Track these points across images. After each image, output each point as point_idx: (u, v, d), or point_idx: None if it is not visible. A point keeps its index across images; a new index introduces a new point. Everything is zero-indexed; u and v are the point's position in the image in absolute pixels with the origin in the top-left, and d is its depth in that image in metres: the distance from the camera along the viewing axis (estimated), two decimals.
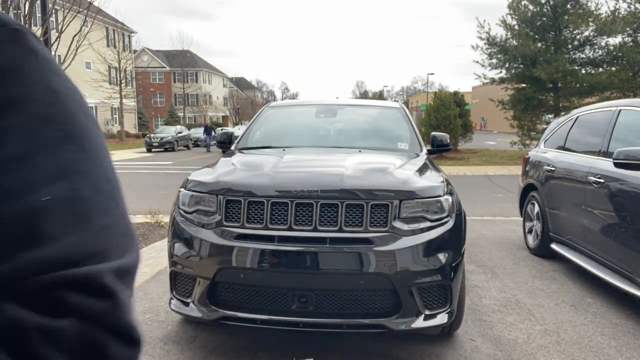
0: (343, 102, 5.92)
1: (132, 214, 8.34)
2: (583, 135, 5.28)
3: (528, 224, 6.04)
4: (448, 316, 2.95)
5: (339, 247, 2.83)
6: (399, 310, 2.84)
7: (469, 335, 3.51)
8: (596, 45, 19.39)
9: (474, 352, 3.24)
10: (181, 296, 3.16)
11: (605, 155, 4.45)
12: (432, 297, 2.93)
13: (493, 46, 20.47)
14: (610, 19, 17.75)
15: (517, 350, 3.27)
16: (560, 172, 5.24)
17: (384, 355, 3.19)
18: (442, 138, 4.79)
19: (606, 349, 3.31)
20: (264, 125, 4.82)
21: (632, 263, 3.86)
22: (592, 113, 5.24)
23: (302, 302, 2.84)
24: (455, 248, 3.02)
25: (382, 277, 2.82)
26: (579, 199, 4.71)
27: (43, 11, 6.13)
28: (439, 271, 2.90)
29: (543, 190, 5.60)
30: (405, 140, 4.49)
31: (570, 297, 4.33)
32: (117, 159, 23.59)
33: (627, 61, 18.13)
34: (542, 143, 6.22)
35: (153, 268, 5.08)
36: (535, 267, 5.21)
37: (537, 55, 18.75)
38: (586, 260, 4.61)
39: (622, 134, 4.47)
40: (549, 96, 20.23)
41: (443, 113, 21.68)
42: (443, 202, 3.06)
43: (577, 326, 3.69)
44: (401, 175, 3.19)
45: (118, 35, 39.93)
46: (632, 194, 3.93)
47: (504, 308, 4.04)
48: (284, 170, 3.25)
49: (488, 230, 7.05)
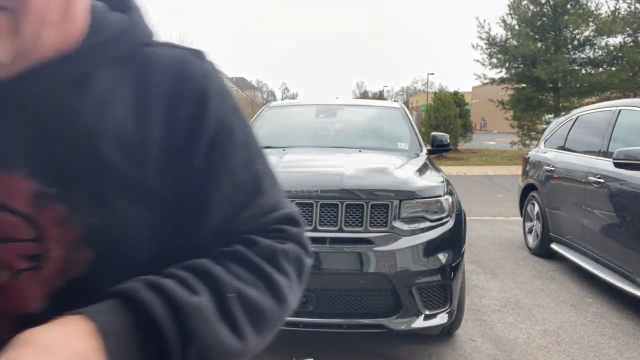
0: (343, 102, 5.92)
1: None
2: (583, 135, 5.28)
3: (528, 224, 6.04)
4: (448, 316, 2.95)
5: (338, 247, 2.83)
6: (399, 310, 2.84)
7: (469, 335, 3.51)
8: (596, 45, 19.36)
9: (474, 352, 3.24)
10: None
11: (605, 155, 4.45)
12: (432, 297, 2.93)
13: (493, 46, 20.45)
14: (610, 19, 17.74)
15: (517, 350, 3.27)
16: (560, 172, 5.24)
17: (384, 355, 3.19)
18: (442, 138, 4.79)
19: (606, 349, 3.31)
20: (263, 126, 4.81)
21: (632, 263, 3.86)
22: (592, 113, 5.24)
23: (302, 302, 2.84)
24: (455, 248, 3.02)
25: (382, 277, 2.82)
26: (579, 199, 4.71)
27: None
28: (439, 271, 2.90)
29: (543, 190, 5.60)
30: (405, 140, 4.49)
31: (570, 297, 4.32)
32: None
33: (627, 61, 18.11)
34: (542, 143, 6.22)
35: None
36: (535, 267, 5.21)
37: (537, 55, 18.74)
38: (586, 260, 4.61)
39: (622, 134, 4.47)
40: (549, 96, 20.20)
41: (443, 113, 21.67)
42: (443, 202, 3.06)
43: (577, 326, 3.69)
44: (401, 175, 3.19)
45: None
46: (632, 194, 3.93)
47: (504, 308, 4.04)
48: (284, 170, 3.25)
49: (488, 230, 7.05)
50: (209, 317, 0.51)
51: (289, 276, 0.61)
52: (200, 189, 0.59)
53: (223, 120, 0.61)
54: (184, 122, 0.58)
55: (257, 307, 0.56)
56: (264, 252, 0.59)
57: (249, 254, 0.58)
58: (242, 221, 0.61)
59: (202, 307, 0.51)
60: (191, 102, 0.59)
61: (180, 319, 0.49)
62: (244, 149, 0.63)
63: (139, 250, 0.56)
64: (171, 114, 0.57)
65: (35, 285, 0.52)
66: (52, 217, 0.52)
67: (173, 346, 0.49)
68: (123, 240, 0.54)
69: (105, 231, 0.53)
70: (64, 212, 0.52)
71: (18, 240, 0.51)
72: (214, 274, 0.54)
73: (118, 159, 0.54)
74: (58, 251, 0.52)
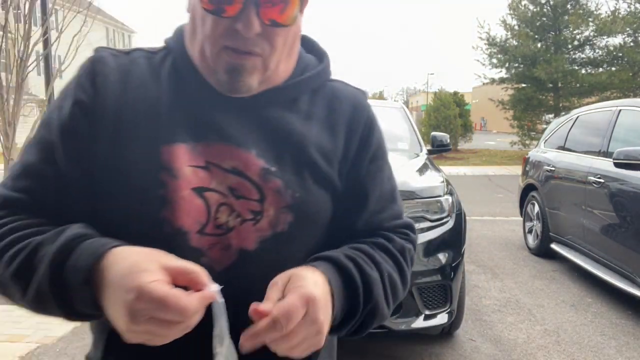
0: None
1: None
2: (583, 135, 5.27)
3: (528, 224, 6.04)
4: (448, 316, 2.95)
5: None
6: (399, 310, 2.84)
7: (469, 335, 3.51)
8: (596, 46, 19.37)
9: (474, 352, 3.24)
10: None
11: (605, 155, 4.45)
12: (432, 297, 2.93)
13: (493, 46, 20.46)
14: (610, 19, 17.74)
15: (517, 350, 3.27)
16: (560, 172, 5.24)
17: (384, 355, 3.19)
18: (442, 138, 4.79)
19: (606, 349, 3.31)
20: None
21: (632, 263, 3.86)
22: (592, 113, 5.24)
23: None
24: (455, 248, 3.02)
25: None
26: (579, 199, 4.71)
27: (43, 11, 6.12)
28: (439, 271, 2.90)
29: (543, 190, 5.60)
30: (405, 140, 4.49)
31: (570, 297, 4.32)
32: None
33: (627, 61, 18.12)
34: (542, 143, 6.22)
35: None
36: (535, 267, 5.21)
37: (537, 55, 18.74)
38: (586, 260, 4.61)
39: (622, 134, 4.47)
40: (549, 96, 20.20)
41: (443, 113, 21.68)
42: (443, 202, 3.06)
43: (577, 326, 3.69)
44: (401, 175, 3.18)
45: (118, 35, 39.92)
46: (632, 194, 3.93)
47: (504, 308, 4.04)
48: None
49: (488, 230, 7.05)
50: (380, 288, 0.76)
51: (409, 267, 0.85)
52: (362, 189, 0.83)
53: (380, 143, 0.88)
54: (357, 140, 0.83)
55: (395, 286, 0.80)
56: (398, 247, 0.83)
57: (390, 246, 0.81)
58: (383, 219, 0.85)
59: (377, 280, 0.76)
60: (363, 126, 0.85)
61: (368, 286, 0.74)
62: (388, 167, 0.89)
63: (319, 221, 0.79)
64: (350, 132, 0.83)
65: (253, 232, 0.73)
66: (271, 187, 0.74)
67: (360, 303, 0.73)
68: (311, 212, 0.77)
69: (303, 203, 0.76)
70: (279, 185, 0.75)
71: (248, 199, 0.73)
72: (375, 257, 0.78)
73: (317, 157, 0.78)
74: (272, 212, 0.74)
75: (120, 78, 0.76)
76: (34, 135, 0.77)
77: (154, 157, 0.71)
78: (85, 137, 0.73)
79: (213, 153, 0.74)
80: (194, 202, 0.71)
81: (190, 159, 0.72)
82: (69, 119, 0.73)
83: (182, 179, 0.71)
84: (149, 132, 0.73)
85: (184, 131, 0.73)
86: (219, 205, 0.72)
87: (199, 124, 0.75)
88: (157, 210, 0.70)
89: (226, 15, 0.70)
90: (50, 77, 6.35)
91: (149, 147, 0.72)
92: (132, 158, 0.72)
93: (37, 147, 0.74)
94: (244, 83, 0.73)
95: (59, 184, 0.72)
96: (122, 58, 0.78)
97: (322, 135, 0.80)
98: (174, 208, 0.70)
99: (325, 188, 0.79)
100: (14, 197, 0.72)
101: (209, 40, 0.72)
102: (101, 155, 0.72)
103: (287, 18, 0.73)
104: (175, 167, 0.71)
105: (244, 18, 0.69)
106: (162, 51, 0.81)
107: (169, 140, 0.72)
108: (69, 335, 3.45)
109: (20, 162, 0.75)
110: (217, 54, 0.72)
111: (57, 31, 6.09)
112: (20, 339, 3.37)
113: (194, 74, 0.77)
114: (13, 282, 0.66)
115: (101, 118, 0.73)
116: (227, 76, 0.72)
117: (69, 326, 3.59)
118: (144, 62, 0.79)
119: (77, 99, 0.74)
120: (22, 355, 3.16)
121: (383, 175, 0.87)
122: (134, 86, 0.76)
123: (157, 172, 0.71)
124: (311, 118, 0.81)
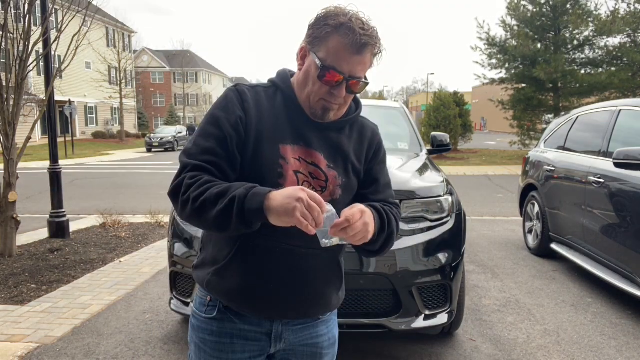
0: None
1: (132, 214, 8.33)
2: (583, 135, 5.27)
3: (528, 224, 6.04)
4: (448, 316, 2.95)
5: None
6: (399, 310, 2.84)
7: (469, 335, 3.51)
8: (596, 46, 19.37)
9: (474, 352, 3.24)
10: (181, 296, 3.16)
11: (605, 156, 4.45)
12: (432, 297, 2.93)
13: (493, 46, 20.46)
14: (610, 19, 17.73)
15: (517, 350, 3.27)
16: (560, 172, 5.24)
17: (384, 355, 3.19)
18: (442, 138, 4.78)
19: (606, 349, 3.31)
20: None
21: (632, 263, 3.86)
22: (592, 113, 5.24)
23: None
24: (455, 248, 3.02)
25: (382, 277, 2.82)
26: (579, 199, 4.71)
27: (43, 11, 6.11)
28: (439, 271, 2.90)
29: (543, 190, 5.60)
30: (405, 140, 4.49)
31: (570, 297, 4.32)
32: (117, 159, 23.56)
33: (626, 61, 18.12)
34: (542, 143, 6.22)
35: (153, 268, 5.08)
36: (535, 267, 5.21)
37: (536, 56, 18.74)
38: (586, 260, 4.61)
39: (622, 134, 4.47)
40: (549, 96, 20.21)
41: (443, 113, 21.68)
42: (443, 202, 3.06)
43: (577, 326, 3.69)
44: (401, 175, 3.18)
45: (118, 35, 39.88)
46: (632, 194, 3.93)
47: (504, 308, 4.04)
48: None
49: (488, 230, 7.05)
50: (393, 221, 1.32)
51: (398, 220, 1.37)
52: (375, 180, 1.40)
53: (384, 153, 1.45)
54: (373, 152, 1.41)
55: (397, 225, 1.35)
56: (398, 211, 1.39)
57: (394, 209, 1.36)
58: (386, 196, 1.39)
59: (391, 216, 1.32)
60: (377, 144, 1.42)
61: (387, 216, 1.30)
62: (386, 168, 1.46)
63: (352, 194, 1.35)
64: (369, 149, 1.40)
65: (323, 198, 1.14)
66: (332, 175, 1.30)
67: (386, 226, 1.28)
68: (350, 189, 1.33)
69: (347, 185, 1.32)
70: (335, 175, 1.30)
71: (319, 179, 1.28)
72: (385, 208, 1.32)
73: (353, 160, 1.35)
74: (331, 188, 1.29)
75: (255, 105, 1.28)
76: (202, 128, 1.26)
77: (275, 151, 1.25)
78: (242, 137, 1.24)
79: (303, 152, 1.28)
80: (293, 178, 1.25)
81: (293, 154, 1.26)
82: (236, 124, 1.23)
83: (290, 165, 1.25)
84: (272, 137, 1.26)
85: (289, 138, 1.27)
86: (303, 182, 1.26)
87: (297, 135, 1.29)
88: (277, 179, 1.23)
89: (331, 85, 1.23)
90: (50, 77, 6.34)
91: (273, 145, 1.25)
92: (264, 150, 1.25)
93: (212, 137, 1.22)
94: (328, 117, 1.29)
95: (228, 161, 1.22)
96: (252, 91, 1.30)
97: (356, 148, 1.37)
98: (285, 179, 1.24)
99: (357, 177, 1.36)
100: (202, 165, 1.19)
101: (316, 93, 1.25)
102: (249, 148, 1.24)
103: (359, 90, 1.28)
104: (287, 157, 1.25)
105: (339, 88, 1.24)
106: (272, 87, 1.34)
107: (283, 142, 1.27)
108: (69, 335, 3.45)
109: (196, 145, 1.23)
110: (317, 101, 1.26)
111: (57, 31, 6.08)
112: (20, 339, 3.37)
113: (297, 106, 1.31)
114: (212, 203, 1.11)
115: (247, 127, 1.25)
116: (321, 112, 1.28)
117: (69, 326, 3.59)
118: (263, 94, 1.31)
119: (239, 115, 1.25)
120: (22, 355, 3.15)
121: (384, 173, 1.44)
122: (262, 109, 1.29)
123: (277, 159, 1.24)
124: (351, 138, 1.37)
